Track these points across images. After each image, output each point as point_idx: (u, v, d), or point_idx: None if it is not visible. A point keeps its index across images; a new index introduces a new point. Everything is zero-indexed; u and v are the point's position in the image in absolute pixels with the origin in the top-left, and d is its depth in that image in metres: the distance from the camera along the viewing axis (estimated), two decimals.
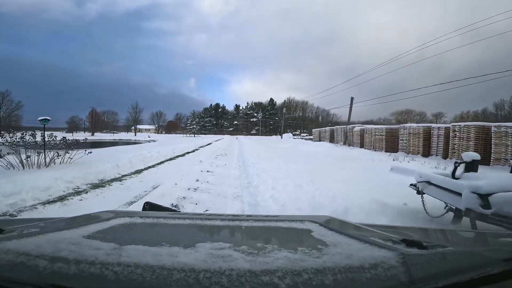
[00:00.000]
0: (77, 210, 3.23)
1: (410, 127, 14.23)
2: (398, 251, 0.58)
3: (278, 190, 4.72)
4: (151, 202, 1.23)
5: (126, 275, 0.47)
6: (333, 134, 26.65)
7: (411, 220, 3.28)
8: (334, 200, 3.99)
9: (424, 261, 0.54)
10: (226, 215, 1.12)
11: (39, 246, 0.58)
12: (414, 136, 13.70)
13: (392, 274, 0.49)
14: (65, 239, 0.63)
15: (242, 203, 4.20)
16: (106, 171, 6.46)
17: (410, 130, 14.01)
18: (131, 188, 5.27)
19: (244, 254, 0.57)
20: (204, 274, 0.47)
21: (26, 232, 0.69)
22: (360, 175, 6.48)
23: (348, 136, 21.95)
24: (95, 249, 0.57)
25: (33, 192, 4.33)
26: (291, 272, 0.48)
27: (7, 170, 6.11)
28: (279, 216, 1.10)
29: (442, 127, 12.67)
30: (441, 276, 0.49)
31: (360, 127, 20.54)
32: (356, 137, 20.17)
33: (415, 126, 14.09)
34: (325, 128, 29.87)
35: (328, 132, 27.94)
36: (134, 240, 0.65)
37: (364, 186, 5.01)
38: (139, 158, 8.86)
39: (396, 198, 3.90)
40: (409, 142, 13.99)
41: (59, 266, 0.50)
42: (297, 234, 0.83)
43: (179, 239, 0.74)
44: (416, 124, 15.04)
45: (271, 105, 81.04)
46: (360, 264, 0.52)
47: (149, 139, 31.66)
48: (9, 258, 0.52)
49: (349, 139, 21.74)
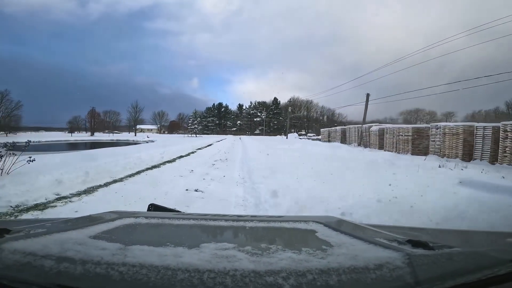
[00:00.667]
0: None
1: (446, 126, 11.97)
2: (403, 251, 0.57)
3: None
4: (156, 204, 1.23)
5: (131, 275, 0.47)
6: (344, 134, 24.50)
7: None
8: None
9: (430, 262, 0.53)
10: (231, 215, 1.10)
11: (45, 246, 0.58)
12: (451, 136, 11.46)
13: (398, 275, 0.48)
14: (71, 240, 0.65)
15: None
16: (39, 189, 4.40)
17: (446, 130, 11.76)
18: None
19: (248, 254, 0.57)
20: (209, 275, 0.47)
21: (32, 233, 0.69)
22: (430, 192, 4.25)
23: (363, 137, 19.73)
24: (101, 250, 0.57)
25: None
26: (295, 273, 0.48)
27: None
28: (284, 217, 1.09)
29: (488, 126, 10.41)
30: (448, 277, 0.48)
31: (379, 126, 18.31)
32: (374, 138, 17.95)
33: (452, 125, 11.85)
34: (336, 128, 27.57)
35: (339, 132, 25.69)
36: (139, 241, 0.65)
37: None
38: (108, 167, 6.64)
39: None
40: (444, 143, 11.76)
41: (65, 266, 0.50)
42: (302, 234, 0.83)
43: (183, 239, 0.74)
44: (453, 123, 12.82)
45: (275, 105, 78.44)
46: (365, 265, 0.51)
47: (147, 139, 29.65)
48: (16, 258, 0.53)
49: (365, 139, 19.53)
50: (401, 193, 4.31)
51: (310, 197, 4.11)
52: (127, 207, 3.65)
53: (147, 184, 5.62)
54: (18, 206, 3.77)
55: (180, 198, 4.39)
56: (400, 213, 3.36)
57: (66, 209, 3.75)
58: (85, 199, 4.33)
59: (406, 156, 12.17)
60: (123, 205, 3.84)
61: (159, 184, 5.57)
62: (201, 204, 4.11)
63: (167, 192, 4.83)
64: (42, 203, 4.00)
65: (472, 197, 3.91)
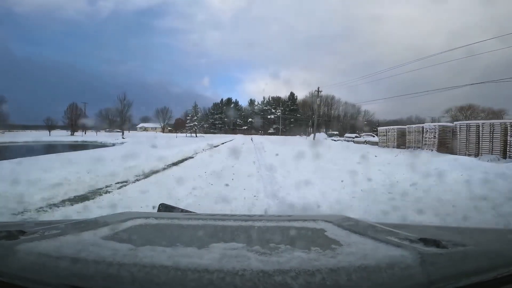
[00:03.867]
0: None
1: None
2: (415, 250, 0.56)
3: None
4: (166, 204, 1.24)
5: (142, 276, 0.47)
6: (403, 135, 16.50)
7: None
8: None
9: (443, 261, 0.53)
10: (240, 215, 1.08)
11: (59, 247, 0.60)
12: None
13: (409, 274, 0.47)
14: (84, 241, 0.66)
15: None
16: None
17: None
18: None
19: (257, 254, 0.56)
20: (218, 275, 0.47)
21: (47, 234, 0.70)
22: None
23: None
24: (113, 250, 0.57)
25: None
26: (304, 272, 0.47)
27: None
28: (293, 216, 1.08)
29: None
30: (461, 276, 0.47)
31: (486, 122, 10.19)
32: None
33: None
34: (393, 127, 19.11)
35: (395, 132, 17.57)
36: (150, 241, 0.67)
37: None
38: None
39: None
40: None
41: (78, 267, 0.51)
42: (311, 233, 0.82)
43: (193, 239, 0.75)
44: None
45: (292, 100, 69.59)
46: (375, 264, 0.50)
47: (121, 141, 22.21)
48: (31, 259, 0.54)
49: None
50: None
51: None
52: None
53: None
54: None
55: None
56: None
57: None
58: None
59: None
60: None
61: None
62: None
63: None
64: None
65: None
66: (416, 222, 1.67)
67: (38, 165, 6.82)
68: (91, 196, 4.84)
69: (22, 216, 3.68)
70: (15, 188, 4.33)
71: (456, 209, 4.07)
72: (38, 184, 4.73)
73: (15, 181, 4.60)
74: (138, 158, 8.32)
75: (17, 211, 3.79)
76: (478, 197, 4.60)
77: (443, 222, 2.60)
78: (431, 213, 3.75)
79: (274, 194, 4.86)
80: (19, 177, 4.92)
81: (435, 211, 3.86)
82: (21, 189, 4.34)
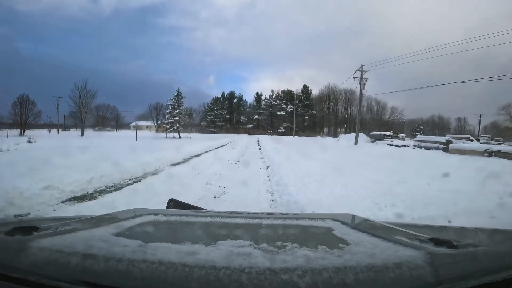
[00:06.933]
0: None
1: None
2: (425, 250, 0.55)
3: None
4: (175, 199, 1.24)
5: (150, 272, 0.48)
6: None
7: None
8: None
9: (454, 261, 0.52)
10: (247, 213, 1.08)
11: (71, 243, 0.60)
12: None
13: (418, 274, 0.47)
14: (95, 237, 0.65)
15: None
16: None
17: None
18: None
19: (264, 252, 0.56)
20: (224, 272, 0.47)
21: (59, 230, 0.71)
22: None
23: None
24: (122, 247, 0.58)
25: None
26: (311, 271, 0.47)
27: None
28: (300, 214, 1.05)
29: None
30: (472, 277, 0.47)
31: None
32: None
33: None
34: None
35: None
36: (159, 238, 0.68)
37: None
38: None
39: None
40: None
41: (89, 263, 0.51)
42: (318, 232, 0.82)
43: (200, 236, 0.77)
44: None
45: (306, 94, 59.36)
46: (383, 264, 0.50)
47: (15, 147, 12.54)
48: (44, 255, 0.54)
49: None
50: None
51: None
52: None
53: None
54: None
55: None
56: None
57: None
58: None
59: None
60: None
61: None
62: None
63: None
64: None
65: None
66: (427, 222, 1.43)
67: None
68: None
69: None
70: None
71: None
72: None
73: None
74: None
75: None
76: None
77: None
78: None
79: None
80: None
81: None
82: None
